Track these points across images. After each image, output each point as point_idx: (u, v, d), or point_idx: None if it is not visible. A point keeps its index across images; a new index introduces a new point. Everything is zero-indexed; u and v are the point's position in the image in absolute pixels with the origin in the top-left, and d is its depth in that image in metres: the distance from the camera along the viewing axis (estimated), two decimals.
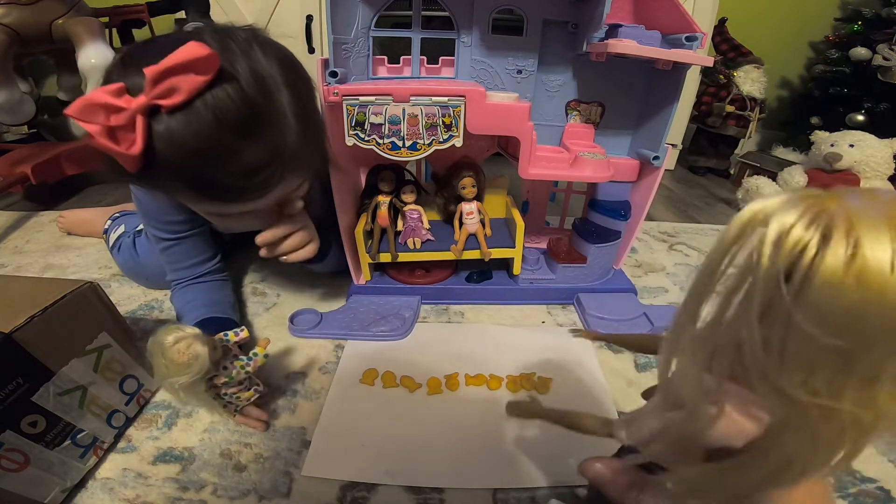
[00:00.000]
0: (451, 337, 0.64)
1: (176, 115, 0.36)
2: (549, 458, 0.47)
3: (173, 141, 0.37)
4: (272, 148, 0.41)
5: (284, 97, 0.42)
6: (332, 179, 0.57)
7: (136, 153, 0.36)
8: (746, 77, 1.31)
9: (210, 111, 0.37)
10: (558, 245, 0.73)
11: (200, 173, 0.39)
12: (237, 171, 0.40)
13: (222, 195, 0.42)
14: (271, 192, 0.44)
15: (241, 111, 0.38)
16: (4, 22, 0.95)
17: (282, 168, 0.43)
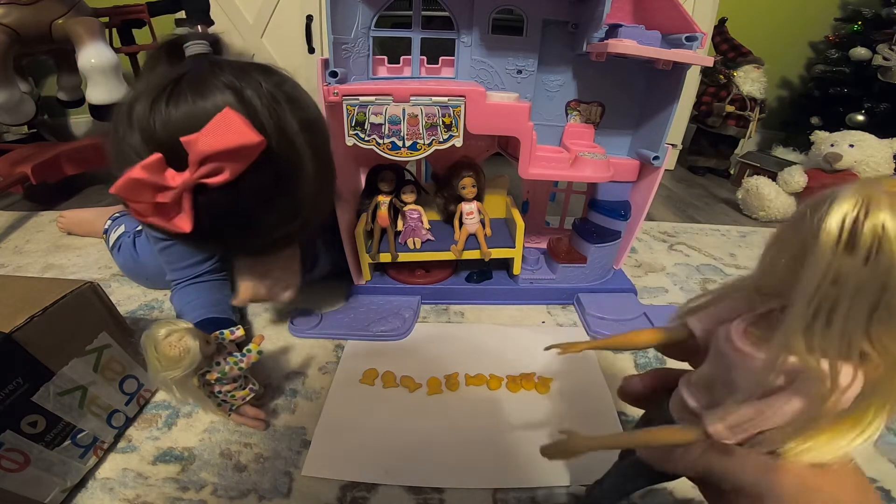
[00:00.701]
0: (451, 337, 0.64)
1: (219, 189, 0.37)
2: None
3: (217, 213, 0.39)
4: (299, 213, 0.44)
5: (308, 159, 0.42)
6: None
7: (188, 230, 0.38)
8: (746, 77, 1.31)
9: (250, 188, 0.38)
10: (558, 245, 0.73)
11: (235, 238, 0.43)
12: (260, 231, 0.43)
13: (249, 251, 0.49)
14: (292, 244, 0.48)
15: (275, 183, 0.40)
16: (4, 22, 0.95)
17: (303, 225, 0.46)
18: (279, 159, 0.39)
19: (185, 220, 0.37)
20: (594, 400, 0.54)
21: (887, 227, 0.14)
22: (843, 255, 0.15)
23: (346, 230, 0.63)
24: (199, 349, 0.41)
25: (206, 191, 0.37)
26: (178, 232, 0.38)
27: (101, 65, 0.95)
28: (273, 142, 0.38)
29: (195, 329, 0.42)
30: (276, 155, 0.39)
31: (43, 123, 1.39)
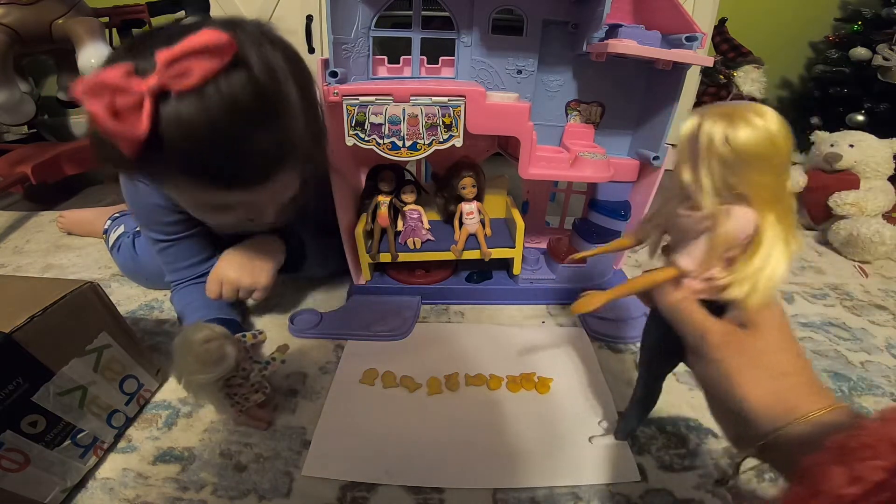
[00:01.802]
0: (451, 337, 0.64)
1: (186, 98, 0.35)
2: (549, 458, 0.47)
3: (181, 124, 0.36)
4: (278, 137, 0.41)
5: (292, 90, 0.42)
6: (331, 180, 0.57)
7: (141, 133, 0.35)
8: (746, 77, 1.31)
9: (221, 96, 0.36)
10: (558, 245, 0.73)
11: (204, 158, 0.38)
12: (241, 158, 0.39)
13: (222, 181, 0.41)
14: (270, 182, 0.43)
15: (252, 98, 0.38)
16: (4, 22, 0.95)
17: (284, 158, 0.43)
18: (258, 80, 0.38)
19: (142, 121, 0.34)
20: (594, 400, 0.54)
21: (709, 129, 0.26)
22: (690, 142, 0.27)
23: (346, 230, 0.63)
24: (235, 359, 0.42)
25: (173, 104, 0.35)
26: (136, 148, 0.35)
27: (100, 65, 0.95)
28: (252, 59, 0.38)
29: (233, 337, 0.43)
30: (255, 75, 0.38)
31: (43, 123, 1.39)
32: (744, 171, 0.26)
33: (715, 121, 0.26)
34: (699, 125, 0.27)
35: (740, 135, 0.25)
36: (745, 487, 0.44)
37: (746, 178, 0.26)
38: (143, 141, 0.35)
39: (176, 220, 0.61)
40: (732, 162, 0.26)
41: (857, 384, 0.58)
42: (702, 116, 0.27)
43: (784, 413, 0.26)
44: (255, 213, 0.50)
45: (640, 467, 0.46)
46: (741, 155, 0.25)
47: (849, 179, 0.94)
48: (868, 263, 0.88)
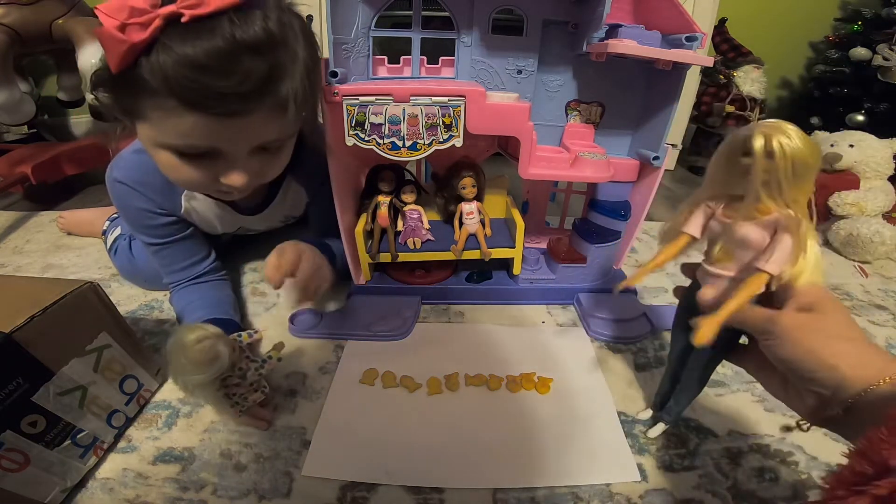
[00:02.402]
0: (451, 337, 0.64)
1: (194, 22, 0.36)
2: (550, 458, 0.47)
3: (179, 39, 0.36)
4: (273, 69, 0.40)
5: (299, 47, 0.42)
6: (332, 179, 0.57)
7: (138, 40, 0.35)
8: (746, 77, 1.31)
9: (228, 24, 0.37)
10: (558, 245, 0.73)
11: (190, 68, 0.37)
12: (226, 75, 0.38)
13: (201, 97, 0.39)
14: (249, 113, 0.42)
15: (259, 37, 0.38)
16: (4, 22, 0.95)
17: (269, 92, 0.41)
18: (268, 23, 0.39)
19: (145, 32, 0.36)
20: (594, 400, 0.54)
21: (782, 143, 0.29)
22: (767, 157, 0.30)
23: (346, 230, 0.63)
24: (229, 357, 0.41)
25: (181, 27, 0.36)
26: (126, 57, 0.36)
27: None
28: (269, 9, 0.39)
29: (226, 336, 0.42)
30: (267, 16, 0.39)
31: (43, 123, 1.38)
32: (804, 179, 0.30)
33: (781, 136, 0.29)
34: (769, 141, 0.29)
35: (805, 149, 0.29)
36: (744, 488, 0.44)
37: (800, 187, 0.31)
38: (136, 52, 0.36)
39: (165, 223, 0.61)
40: (801, 171, 0.30)
41: None
42: (767, 134, 0.30)
43: (874, 374, 0.29)
44: (228, 164, 0.46)
45: (640, 467, 0.46)
46: (804, 166, 0.30)
47: (849, 179, 0.94)
48: (868, 263, 0.88)
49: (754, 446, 0.48)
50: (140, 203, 0.59)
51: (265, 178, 0.52)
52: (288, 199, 0.69)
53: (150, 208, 0.59)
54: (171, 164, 0.46)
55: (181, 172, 0.47)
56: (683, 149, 1.47)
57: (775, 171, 0.30)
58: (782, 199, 0.31)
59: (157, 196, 0.59)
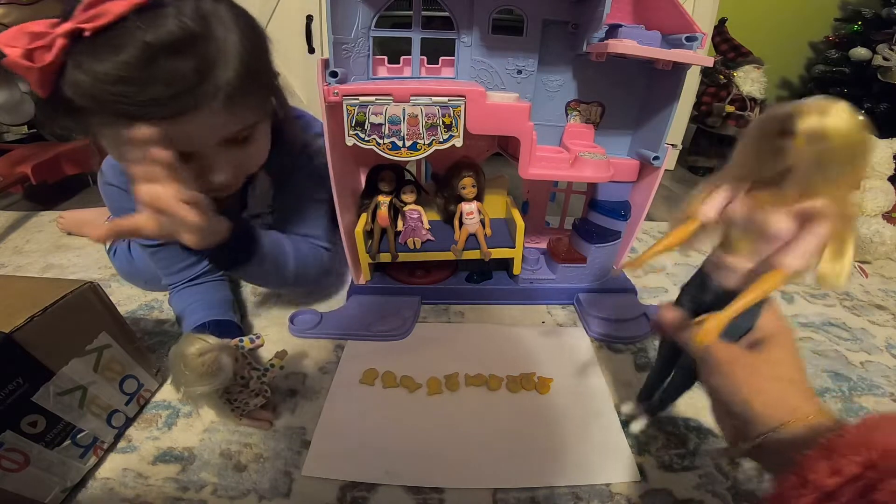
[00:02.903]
0: (451, 337, 0.64)
1: (101, 36, 0.35)
2: (550, 457, 0.47)
3: (94, 55, 0.36)
4: (199, 65, 0.38)
5: (231, 37, 0.40)
6: (332, 179, 0.57)
7: (46, 62, 0.35)
8: (746, 77, 1.31)
9: (138, 34, 0.35)
10: (558, 245, 0.73)
11: (117, 83, 0.36)
12: (146, 82, 0.37)
13: (138, 111, 0.37)
14: (194, 112, 0.40)
15: (174, 35, 0.37)
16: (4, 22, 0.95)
17: (207, 89, 0.39)
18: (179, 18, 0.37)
19: (50, 53, 0.35)
20: (594, 400, 0.54)
21: (836, 126, 0.25)
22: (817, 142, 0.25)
23: (346, 230, 0.63)
24: (232, 369, 0.42)
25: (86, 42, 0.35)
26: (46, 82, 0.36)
27: None
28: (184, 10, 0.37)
29: (229, 346, 0.42)
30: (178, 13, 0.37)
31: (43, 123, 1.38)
32: (855, 167, 0.27)
33: (837, 117, 0.25)
34: (824, 120, 0.25)
35: (857, 129, 0.25)
36: (744, 488, 0.44)
37: (852, 175, 0.27)
38: (51, 75, 0.36)
39: None
40: (853, 158, 0.26)
41: (857, 384, 0.58)
42: (821, 111, 0.25)
43: (784, 414, 0.30)
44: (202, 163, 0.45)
45: (640, 467, 0.46)
46: (862, 150, 0.26)
47: None
48: (868, 263, 0.88)
49: None
50: (131, 204, 0.57)
51: (248, 167, 0.51)
52: (258, 190, 0.64)
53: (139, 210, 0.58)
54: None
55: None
56: (683, 149, 1.47)
57: (827, 157, 0.26)
58: (828, 189, 0.27)
59: None
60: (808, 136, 0.25)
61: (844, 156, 0.26)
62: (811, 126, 0.25)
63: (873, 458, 0.23)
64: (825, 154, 0.26)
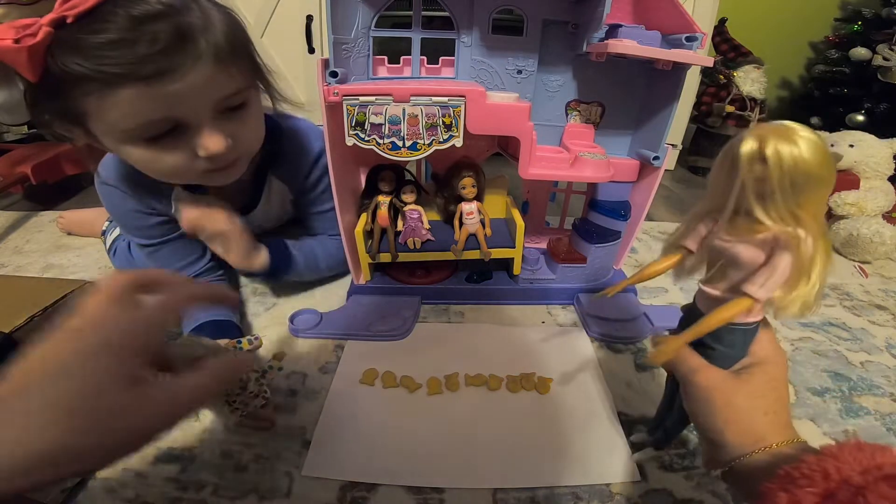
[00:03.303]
0: (451, 337, 0.64)
1: (85, 19, 0.38)
2: (549, 458, 0.47)
3: (80, 32, 0.37)
4: (182, 26, 0.40)
5: (213, 12, 0.43)
6: (332, 179, 0.57)
7: (33, 43, 0.36)
8: (746, 77, 1.31)
9: (121, 11, 0.38)
10: (558, 245, 0.73)
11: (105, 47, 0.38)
12: (137, 43, 0.38)
13: (126, 70, 0.39)
14: (184, 68, 0.41)
15: (156, 9, 0.39)
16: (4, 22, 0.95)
17: (194, 45, 0.41)
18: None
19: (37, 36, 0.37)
20: (594, 400, 0.54)
21: (778, 149, 0.25)
22: (759, 164, 0.26)
23: (346, 230, 0.63)
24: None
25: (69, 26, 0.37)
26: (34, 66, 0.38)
27: None
28: None
29: (222, 349, 0.41)
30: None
31: None
32: (807, 192, 0.26)
33: (779, 142, 0.25)
34: (762, 147, 0.26)
35: (805, 155, 0.25)
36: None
37: (807, 198, 0.26)
38: (39, 54, 0.37)
39: (156, 223, 0.60)
40: (802, 182, 0.25)
41: (857, 384, 0.58)
42: (760, 138, 0.26)
43: (750, 444, 0.30)
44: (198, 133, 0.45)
45: (640, 467, 0.46)
46: (807, 175, 0.25)
47: (849, 179, 0.94)
48: (868, 263, 0.88)
49: None
50: (129, 204, 0.58)
51: (242, 144, 0.50)
52: (273, 198, 0.68)
53: (140, 208, 0.59)
54: (144, 157, 0.45)
55: (158, 163, 0.46)
56: (683, 149, 1.47)
57: (768, 181, 0.26)
58: (779, 213, 0.27)
59: (145, 195, 0.58)
60: (746, 161, 0.26)
61: (790, 181, 0.25)
62: (747, 151, 0.26)
63: (831, 488, 0.23)
64: (769, 180, 0.26)
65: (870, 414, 0.54)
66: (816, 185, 0.26)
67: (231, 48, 0.44)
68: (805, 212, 0.27)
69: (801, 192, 0.26)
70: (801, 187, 0.26)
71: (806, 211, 0.27)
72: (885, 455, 0.24)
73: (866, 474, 0.23)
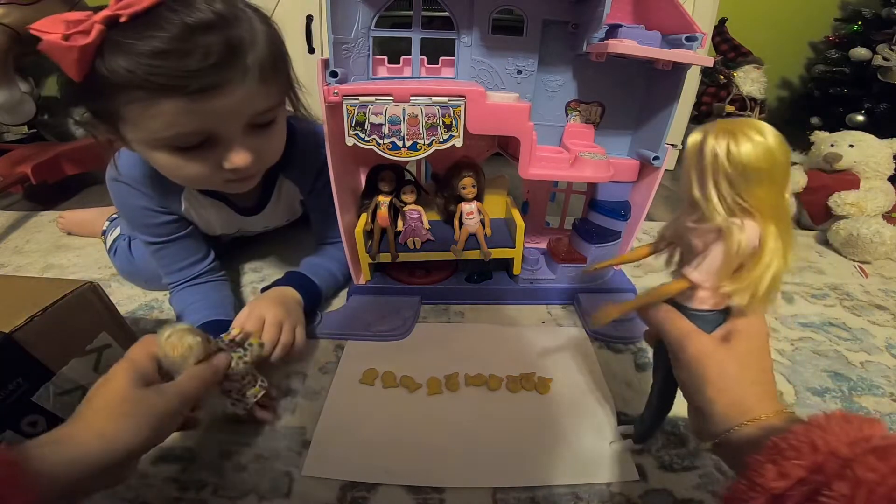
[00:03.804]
0: (451, 337, 0.64)
1: (138, 21, 0.37)
2: (549, 457, 0.47)
3: (133, 35, 0.37)
4: (232, 40, 0.41)
5: (256, 24, 0.44)
6: (331, 179, 0.57)
7: (85, 43, 0.36)
8: (746, 77, 1.31)
9: (174, 16, 0.38)
10: (558, 245, 0.73)
11: (157, 57, 0.38)
12: (185, 54, 0.38)
13: (173, 82, 0.39)
14: (229, 85, 0.41)
15: (208, 18, 0.39)
16: (5, 22, 0.95)
17: (241, 62, 0.41)
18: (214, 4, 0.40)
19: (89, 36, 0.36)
20: (594, 400, 0.54)
21: (714, 143, 0.27)
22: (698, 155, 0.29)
23: (346, 230, 0.63)
24: (201, 345, 0.40)
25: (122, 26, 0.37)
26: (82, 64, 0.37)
27: None
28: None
29: (195, 328, 0.41)
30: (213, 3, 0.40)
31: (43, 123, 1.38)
32: (747, 185, 0.28)
33: (718, 137, 0.27)
34: (703, 141, 0.28)
35: (742, 150, 0.27)
36: None
37: (750, 192, 0.28)
38: (88, 55, 0.37)
39: (165, 222, 0.61)
40: (736, 176, 0.27)
41: (857, 384, 0.58)
42: (705, 133, 0.28)
43: (738, 415, 0.30)
44: (226, 147, 0.46)
45: (639, 467, 0.46)
46: (744, 169, 0.27)
47: (849, 179, 0.94)
48: (868, 263, 0.88)
49: None
50: (141, 202, 0.59)
51: (267, 157, 0.52)
52: (282, 198, 0.69)
53: (150, 206, 0.59)
54: (171, 163, 0.46)
55: (183, 170, 0.47)
56: (683, 149, 1.47)
57: (706, 172, 0.28)
58: (723, 203, 0.28)
59: (156, 194, 0.59)
60: (690, 152, 0.29)
61: (727, 174, 0.27)
62: (691, 143, 0.29)
63: (819, 460, 0.23)
64: (705, 170, 0.28)
65: (870, 414, 0.54)
66: (757, 180, 0.27)
67: (273, 64, 0.45)
68: (752, 204, 0.28)
69: (739, 185, 0.28)
70: (738, 180, 0.27)
71: (753, 204, 0.28)
72: (874, 427, 0.24)
73: (854, 446, 0.23)
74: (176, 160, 0.45)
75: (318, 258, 0.69)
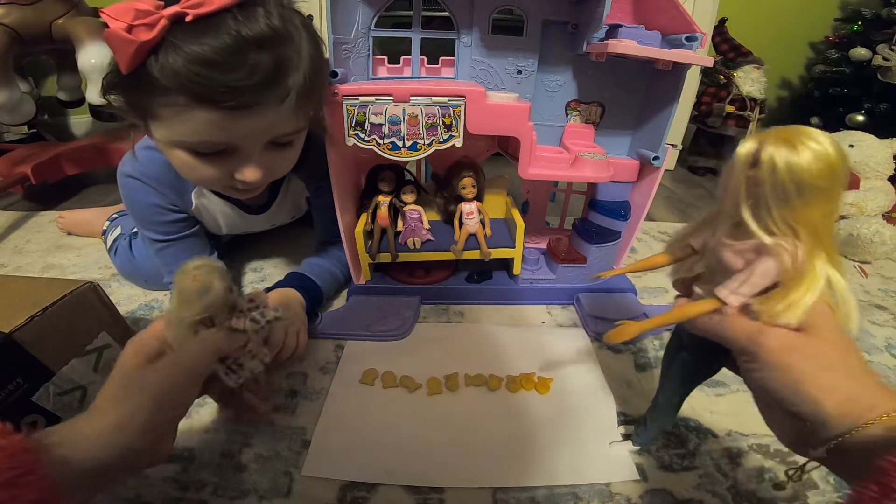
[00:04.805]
0: (451, 337, 0.64)
1: (200, 23, 0.38)
2: (549, 457, 0.47)
3: (190, 37, 0.38)
4: (280, 62, 0.41)
5: (303, 40, 0.44)
6: (332, 179, 0.57)
7: (145, 39, 0.36)
8: (746, 77, 1.31)
9: (234, 25, 0.38)
10: (558, 245, 0.73)
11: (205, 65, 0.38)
12: (234, 68, 0.39)
13: (214, 95, 0.40)
14: (259, 105, 0.42)
15: (264, 32, 0.39)
16: (4, 22, 0.95)
17: (278, 84, 0.42)
18: (271, 18, 0.40)
19: (152, 32, 0.37)
20: (594, 400, 0.54)
21: (773, 153, 0.24)
22: (752, 167, 0.25)
23: (346, 230, 0.63)
24: (222, 293, 0.37)
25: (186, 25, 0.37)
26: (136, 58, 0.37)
27: (101, 65, 0.95)
28: (270, 5, 0.41)
29: (225, 272, 0.38)
30: (269, 12, 0.40)
31: (43, 123, 1.39)
32: (810, 201, 0.25)
33: (778, 145, 0.24)
34: (758, 151, 0.25)
35: (803, 162, 0.24)
36: (744, 488, 0.44)
37: (806, 210, 0.25)
38: (145, 52, 0.37)
39: (174, 220, 0.61)
40: (793, 192, 0.24)
41: None
42: (761, 142, 0.25)
43: (861, 414, 0.26)
44: (243, 160, 0.47)
45: (639, 467, 0.46)
46: (801, 185, 0.24)
47: (850, 179, 0.94)
48: (868, 263, 0.88)
49: (754, 446, 0.48)
50: (151, 199, 0.59)
51: (277, 173, 0.53)
52: (290, 195, 0.70)
53: (161, 204, 0.60)
54: (187, 163, 0.47)
55: (197, 171, 0.47)
56: (683, 149, 1.47)
57: (760, 186, 0.25)
58: (774, 223, 0.26)
59: (168, 192, 0.60)
60: (741, 163, 0.26)
61: (784, 189, 0.24)
62: (743, 153, 0.26)
63: None
64: (761, 185, 0.25)
65: None
66: (813, 197, 0.24)
67: (309, 90, 0.45)
68: (802, 226, 0.25)
69: (795, 202, 0.25)
70: (794, 196, 0.24)
71: (803, 225, 0.25)
72: None
73: None
74: (192, 160, 0.46)
75: (320, 258, 0.69)
